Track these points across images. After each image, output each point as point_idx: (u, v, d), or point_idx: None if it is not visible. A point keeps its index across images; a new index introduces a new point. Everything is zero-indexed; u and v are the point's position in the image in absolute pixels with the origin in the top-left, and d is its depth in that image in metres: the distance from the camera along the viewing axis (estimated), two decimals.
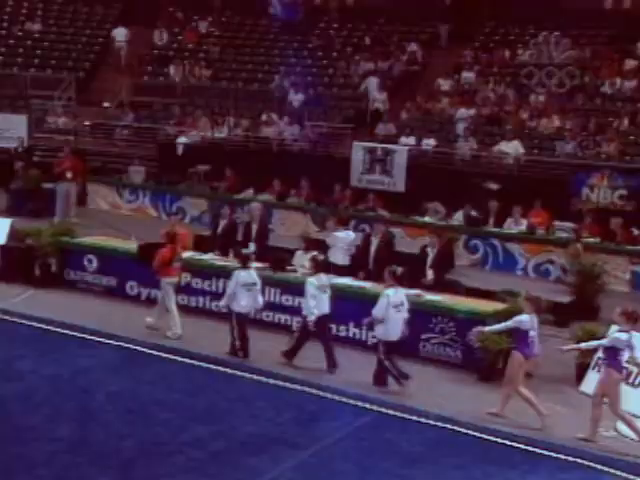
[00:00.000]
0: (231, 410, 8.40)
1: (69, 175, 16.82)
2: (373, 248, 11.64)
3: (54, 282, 12.26)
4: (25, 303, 11.55)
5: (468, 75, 19.58)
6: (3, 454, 7.18)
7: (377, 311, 8.82)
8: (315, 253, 11.43)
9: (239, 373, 9.36)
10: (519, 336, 8.37)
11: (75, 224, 14.29)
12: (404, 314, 8.96)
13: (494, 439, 8.04)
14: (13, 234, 13.26)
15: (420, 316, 10.03)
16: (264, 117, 19.60)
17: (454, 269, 12.55)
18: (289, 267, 11.34)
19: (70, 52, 24.17)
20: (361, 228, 14.96)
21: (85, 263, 12.17)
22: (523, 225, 14.43)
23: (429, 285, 11.02)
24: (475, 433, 8.16)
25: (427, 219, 14.95)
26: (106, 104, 22.01)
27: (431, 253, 11.39)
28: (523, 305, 8.59)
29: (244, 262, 9.98)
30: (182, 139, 19.33)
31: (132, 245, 11.90)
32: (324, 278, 9.62)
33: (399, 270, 9.03)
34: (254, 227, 12.35)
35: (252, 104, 20.54)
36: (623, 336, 7.95)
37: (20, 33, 24.69)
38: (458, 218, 14.96)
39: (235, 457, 7.42)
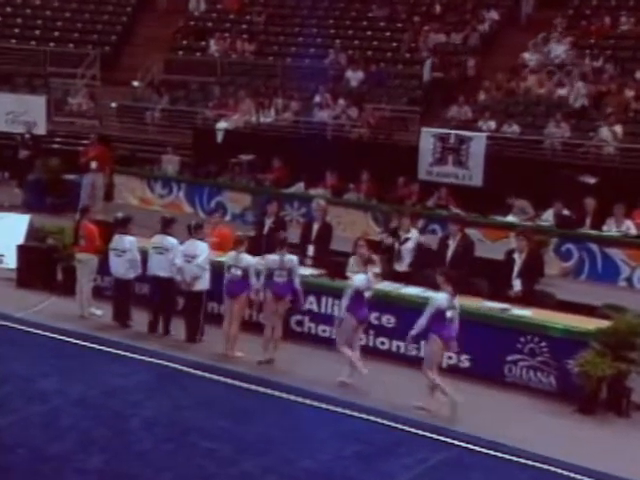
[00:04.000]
0: (285, 441, 8.41)
1: (94, 165, 17.11)
2: (450, 252, 11.54)
3: None
4: (46, 312, 11.77)
5: (559, 48, 19.31)
6: None
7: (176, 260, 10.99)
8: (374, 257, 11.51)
9: (294, 398, 9.38)
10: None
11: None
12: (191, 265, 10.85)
13: None
14: (32, 233, 13.55)
15: (505, 334, 9.97)
16: (317, 99, 19.65)
17: (543, 278, 12.36)
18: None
19: (95, 24, 24.68)
20: (431, 229, 14.89)
21: None
22: (627, 227, 14.14)
23: (516, 297, 10.87)
24: (571, 474, 8.01)
25: (510, 219, 14.78)
26: (135, 83, 22.34)
27: (518, 260, 11.22)
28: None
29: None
30: (222, 124, 19.48)
31: None
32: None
33: (193, 223, 11.32)
34: (315, 227, 12.39)
35: (303, 83, 20.62)
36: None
37: (38, 2, 25.23)
38: (547, 218, 14.76)
39: None
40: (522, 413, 9.29)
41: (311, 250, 11.97)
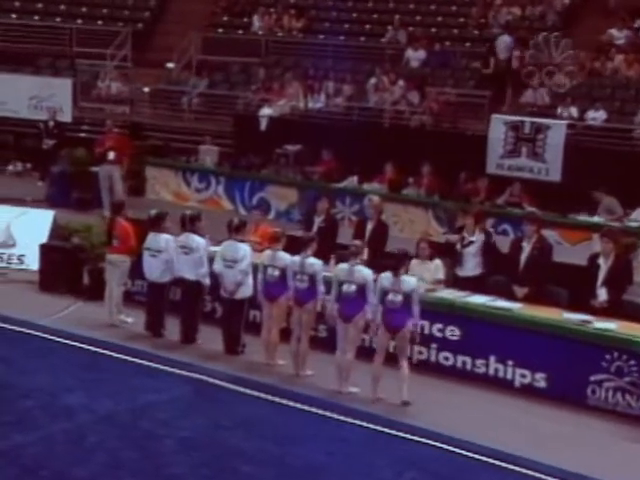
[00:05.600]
0: (334, 466, 8.40)
1: (111, 156, 17.31)
2: (524, 256, 11.46)
3: None
4: (71, 319, 11.92)
5: None
6: None
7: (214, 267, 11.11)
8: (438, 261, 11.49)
9: (346, 419, 9.38)
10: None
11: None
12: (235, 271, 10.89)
13: None
14: (56, 230, 13.77)
15: (588, 350, 9.88)
16: (373, 81, 19.66)
17: (632, 287, 12.20)
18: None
19: None
20: (501, 229, 14.82)
21: None
22: None
23: (601, 308, 10.74)
24: None
25: (596, 219, 14.65)
26: (170, 65, 22.59)
27: (604, 265, 11.08)
28: None
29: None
30: (266, 110, 19.64)
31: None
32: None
33: (236, 222, 11.12)
34: (369, 227, 12.40)
35: (357, 64, 20.65)
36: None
37: None
38: (637, 218, 14.63)
39: None
40: (606, 441, 9.17)
41: (365, 252, 11.93)
